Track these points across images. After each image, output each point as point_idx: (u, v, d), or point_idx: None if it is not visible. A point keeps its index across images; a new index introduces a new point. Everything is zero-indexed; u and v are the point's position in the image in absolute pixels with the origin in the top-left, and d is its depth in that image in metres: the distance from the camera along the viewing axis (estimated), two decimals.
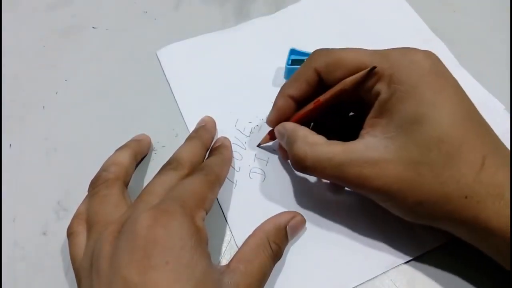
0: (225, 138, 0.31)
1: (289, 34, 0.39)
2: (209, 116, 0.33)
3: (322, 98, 0.26)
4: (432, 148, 0.21)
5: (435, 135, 0.21)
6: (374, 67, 0.23)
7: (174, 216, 0.21)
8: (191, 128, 0.33)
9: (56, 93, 0.36)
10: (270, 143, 0.31)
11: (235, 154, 0.32)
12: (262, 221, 0.27)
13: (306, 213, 0.28)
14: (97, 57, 0.38)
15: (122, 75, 0.37)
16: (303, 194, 0.29)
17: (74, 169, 0.32)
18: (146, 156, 0.32)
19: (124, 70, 0.37)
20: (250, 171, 0.31)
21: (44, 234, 0.29)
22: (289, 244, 0.27)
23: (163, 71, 0.37)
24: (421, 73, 0.22)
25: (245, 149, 0.32)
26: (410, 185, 0.22)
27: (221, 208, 0.29)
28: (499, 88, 0.35)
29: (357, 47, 0.26)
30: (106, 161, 0.28)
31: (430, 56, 0.24)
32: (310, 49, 0.34)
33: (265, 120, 0.33)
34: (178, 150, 0.28)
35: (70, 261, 0.27)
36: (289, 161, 0.30)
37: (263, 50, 0.38)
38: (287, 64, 0.34)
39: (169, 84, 0.36)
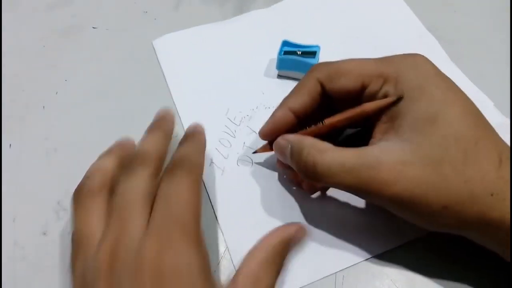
0: (196, 124, 0.28)
1: (283, 26, 0.40)
2: (167, 109, 0.29)
3: (338, 124, 0.24)
4: (450, 145, 0.20)
5: (452, 132, 0.21)
6: (401, 97, 0.22)
7: (179, 244, 0.19)
8: (184, 118, 0.34)
9: (56, 93, 0.36)
10: (268, 154, 0.30)
11: (224, 142, 0.32)
12: (248, 208, 0.28)
13: (292, 200, 0.29)
14: (97, 57, 0.38)
15: (122, 75, 0.37)
16: (289, 182, 0.30)
17: (74, 169, 0.31)
18: None
19: (124, 70, 0.37)
20: (238, 159, 0.31)
21: (44, 234, 0.29)
22: None
23: (158, 59, 0.38)
24: (426, 74, 0.23)
25: (235, 137, 0.33)
26: (433, 187, 0.20)
27: (208, 194, 0.30)
28: (499, 88, 0.35)
29: (357, 57, 0.26)
30: (88, 169, 0.25)
31: (429, 60, 0.24)
32: (303, 42, 0.35)
33: (256, 110, 0.33)
34: (140, 143, 0.26)
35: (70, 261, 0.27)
36: (284, 175, 0.30)
37: (257, 42, 0.39)
38: (280, 54, 0.34)
39: (163, 75, 0.36)
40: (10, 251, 0.28)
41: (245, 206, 0.29)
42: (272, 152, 0.28)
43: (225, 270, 0.27)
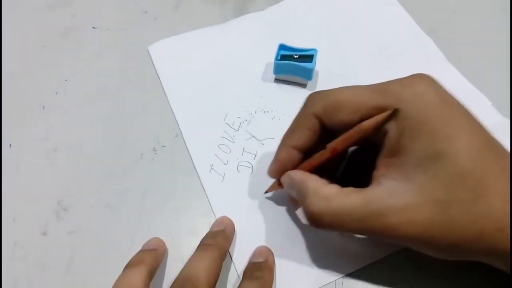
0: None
1: (279, 29, 0.40)
2: (228, 218, 0.29)
3: (339, 146, 0.24)
4: (457, 184, 0.20)
5: (457, 171, 0.20)
6: (397, 109, 0.22)
7: None
8: (182, 124, 0.33)
9: (56, 93, 0.36)
10: (279, 191, 0.29)
11: (223, 148, 0.32)
12: (248, 214, 0.28)
13: (292, 206, 0.29)
14: (97, 57, 0.38)
15: (122, 75, 0.37)
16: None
17: (74, 169, 0.32)
18: (146, 158, 0.32)
19: (124, 70, 0.37)
20: (238, 164, 0.31)
21: (44, 234, 0.29)
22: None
23: (154, 65, 0.37)
24: (427, 105, 0.21)
25: (234, 142, 0.32)
26: (442, 229, 0.20)
27: (208, 200, 0.30)
28: (498, 88, 0.35)
29: (350, 86, 0.24)
30: (118, 284, 0.23)
31: (430, 83, 0.22)
32: (300, 45, 0.35)
33: (254, 114, 0.33)
34: (192, 262, 0.24)
35: (70, 261, 0.27)
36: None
37: (253, 46, 0.39)
38: (276, 59, 0.34)
39: (159, 79, 0.36)
40: (10, 251, 0.28)
41: (246, 213, 0.29)
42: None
43: (227, 274, 0.27)
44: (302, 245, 0.28)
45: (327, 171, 0.26)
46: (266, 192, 0.29)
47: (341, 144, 0.24)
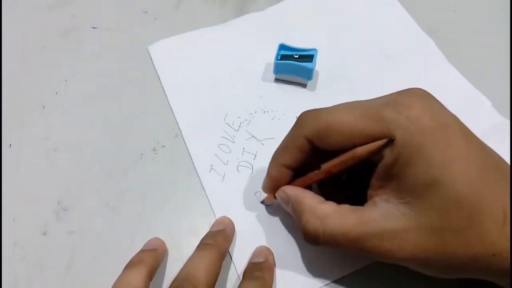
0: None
1: (280, 29, 0.40)
2: (228, 218, 0.29)
3: (334, 169, 0.24)
4: (451, 211, 0.20)
5: (452, 198, 0.20)
6: (392, 139, 0.21)
7: None
8: (182, 124, 0.33)
9: (56, 93, 0.36)
10: (275, 202, 0.28)
11: (223, 148, 0.32)
12: (248, 213, 0.27)
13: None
14: (97, 57, 0.38)
15: (122, 75, 0.37)
16: None
17: (74, 169, 0.32)
18: (146, 158, 0.32)
19: (124, 70, 0.37)
20: (238, 164, 0.31)
21: (44, 234, 0.29)
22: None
23: (154, 66, 0.37)
24: (423, 131, 0.21)
25: (234, 142, 0.32)
26: (435, 253, 0.21)
27: (208, 200, 0.30)
28: (499, 89, 0.35)
29: (344, 105, 0.23)
30: (117, 284, 0.23)
31: (426, 104, 0.22)
32: (300, 45, 0.35)
33: (254, 114, 0.33)
34: (191, 262, 0.24)
35: (70, 261, 0.27)
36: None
37: (254, 46, 0.39)
38: (276, 59, 0.34)
39: (159, 79, 0.36)
40: (10, 251, 0.28)
41: (246, 212, 0.29)
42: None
43: (227, 274, 0.27)
44: (302, 245, 0.28)
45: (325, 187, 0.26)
46: (262, 202, 0.29)
47: (335, 168, 0.24)
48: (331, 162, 0.24)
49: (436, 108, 0.22)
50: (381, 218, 0.21)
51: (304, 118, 0.25)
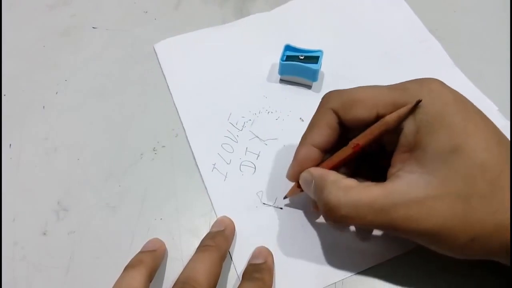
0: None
1: (285, 30, 0.40)
2: (228, 218, 0.28)
3: (361, 141, 0.24)
4: (476, 177, 0.20)
5: (477, 164, 0.20)
6: (420, 100, 0.22)
7: None
8: (186, 122, 0.33)
9: (56, 93, 0.36)
10: (298, 195, 0.28)
11: (226, 147, 0.32)
12: (249, 213, 0.27)
13: (293, 208, 0.29)
14: (97, 57, 0.38)
15: (122, 75, 0.37)
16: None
17: (74, 169, 0.32)
18: (146, 158, 0.32)
19: (124, 70, 0.37)
20: (240, 164, 0.31)
21: (44, 234, 0.29)
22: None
23: (160, 63, 0.37)
24: (444, 101, 0.22)
25: (237, 142, 0.32)
26: (462, 221, 0.20)
27: (210, 199, 0.30)
28: (498, 89, 0.35)
29: (365, 86, 0.24)
30: (117, 286, 0.23)
31: (444, 84, 0.23)
32: (305, 46, 0.35)
33: (258, 114, 0.33)
34: (192, 264, 0.24)
35: (70, 261, 0.27)
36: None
37: (259, 46, 0.39)
38: (282, 60, 0.34)
39: (165, 79, 0.36)
40: (10, 251, 0.28)
41: (247, 213, 0.29)
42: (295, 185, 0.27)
43: (227, 275, 0.27)
44: (302, 246, 0.28)
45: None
46: (286, 197, 0.28)
47: (364, 139, 0.24)
48: (359, 135, 0.24)
49: (453, 89, 0.23)
50: (406, 187, 0.21)
51: (328, 95, 0.26)
